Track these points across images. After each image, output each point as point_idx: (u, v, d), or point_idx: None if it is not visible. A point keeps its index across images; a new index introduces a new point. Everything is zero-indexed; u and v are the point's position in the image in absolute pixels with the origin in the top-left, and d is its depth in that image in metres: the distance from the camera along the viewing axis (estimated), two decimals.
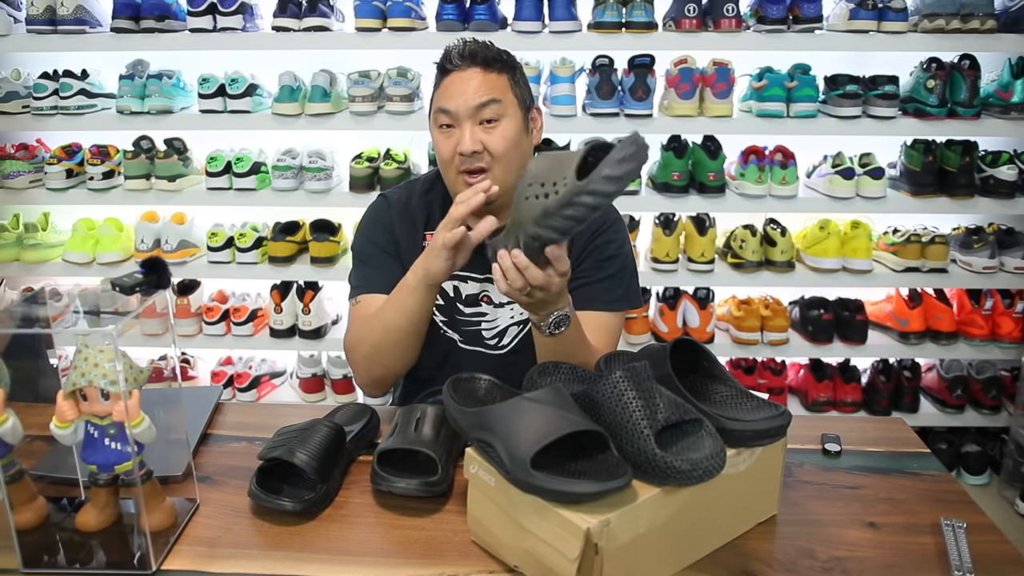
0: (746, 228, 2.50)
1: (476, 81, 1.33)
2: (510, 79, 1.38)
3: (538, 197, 1.03)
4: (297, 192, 2.48)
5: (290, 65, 2.45)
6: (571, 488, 0.89)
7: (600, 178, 0.96)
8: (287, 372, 2.83)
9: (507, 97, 1.35)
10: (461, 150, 1.32)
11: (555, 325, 1.20)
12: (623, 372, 0.97)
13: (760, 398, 1.05)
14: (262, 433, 1.28)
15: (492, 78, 1.35)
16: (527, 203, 1.05)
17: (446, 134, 1.35)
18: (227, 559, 1.01)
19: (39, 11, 2.36)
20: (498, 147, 1.33)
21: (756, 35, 2.36)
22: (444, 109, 1.34)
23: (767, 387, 2.62)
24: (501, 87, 1.35)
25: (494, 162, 1.34)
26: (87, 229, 2.54)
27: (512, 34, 2.36)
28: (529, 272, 1.09)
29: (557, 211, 1.01)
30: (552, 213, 1.01)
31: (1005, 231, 2.55)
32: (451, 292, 1.47)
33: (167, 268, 1.04)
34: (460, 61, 1.35)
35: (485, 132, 1.33)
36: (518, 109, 1.38)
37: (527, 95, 1.41)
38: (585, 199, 0.98)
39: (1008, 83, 2.39)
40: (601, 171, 0.96)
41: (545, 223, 1.03)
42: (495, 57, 1.37)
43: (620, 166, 0.96)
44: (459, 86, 1.34)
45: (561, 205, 1.00)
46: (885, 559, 1.02)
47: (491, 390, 1.11)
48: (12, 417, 0.97)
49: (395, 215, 1.48)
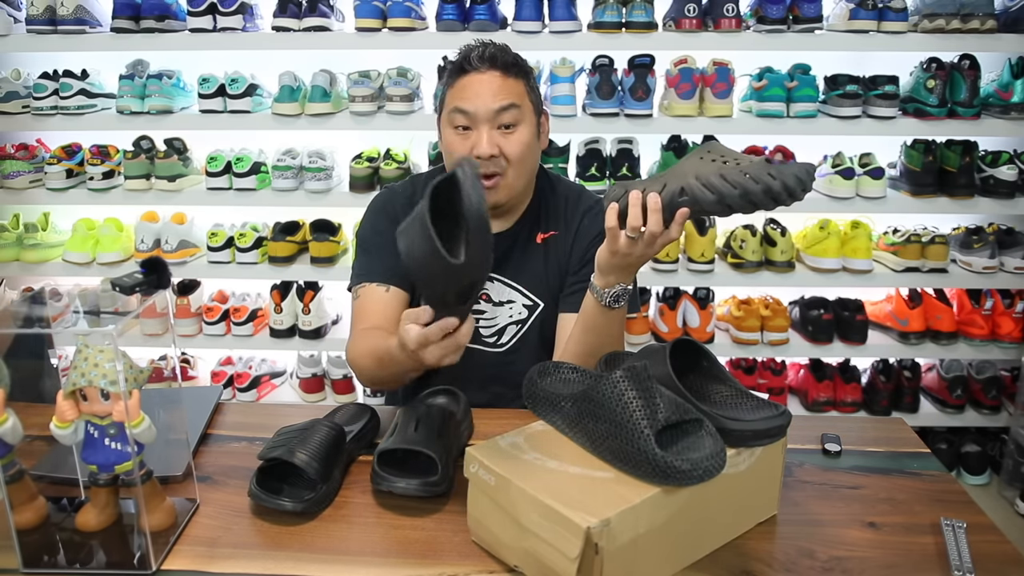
0: (746, 228, 2.51)
1: (496, 85, 1.34)
2: (526, 85, 1.39)
3: (714, 161, 1.07)
4: (297, 192, 2.48)
5: (290, 65, 2.45)
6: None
7: (792, 174, 1.01)
8: (287, 372, 2.83)
9: (524, 103, 1.37)
10: (478, 153, 1.33)
11: (616, 298, 1.22)
12: (623, 372, 0.97)
13: (760, 398, 1.05)
14: (262, 433, 1.28)
15: (511, 83, 1.36)
16: (700, 161, 1.08)
17: (462, 135, 1.36)
18: (227, 559, 1.01)
19: (39, 11, 2.36)
20: (514, 152, 1.35)
21: (756, 35, 2.36)
22: (462, 110, 1.34)
23: (767, 387, 2.62)
24: (519, 92, 1.36)
25: (508, 166, 1.35)
26: (87, 229, 2.54)
27: (512, 34, 2.35)
28: (655, 217, 1.09)
29: (731, 175, 1.04)
30: (725, 175, 1.04)
31: (1005, 231, 2.55)
32: None
33: (167, 268, 1.04)
34: (480, 63, 1.35)
35: (502, 136, 1.34)
36: (532, 115, 1.39)
37: (539, 101, 1.42)
38: (767, 178, 1.02)
39: (1008, 83, 2.39)
40: (793, 169, 1.02)
41: (710, 182, 1.05)
42: (513, 62, 1.38)
43: (807, 176, 1.02)
44: (478, 88, 1.34)
45: (742, 173, 1.03)
46: (885, 559, 1.02)
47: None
48: (12, 417, 0.96)
49: (399, 208, 1.47)
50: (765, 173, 1.02)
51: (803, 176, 1.01)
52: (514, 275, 1.47)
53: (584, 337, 1.30)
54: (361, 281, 1.44)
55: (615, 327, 1.28)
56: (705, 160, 1.08)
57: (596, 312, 1.26)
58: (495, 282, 1.47)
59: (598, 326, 1.26)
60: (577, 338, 1.32)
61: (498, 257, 1.46)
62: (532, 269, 1.48)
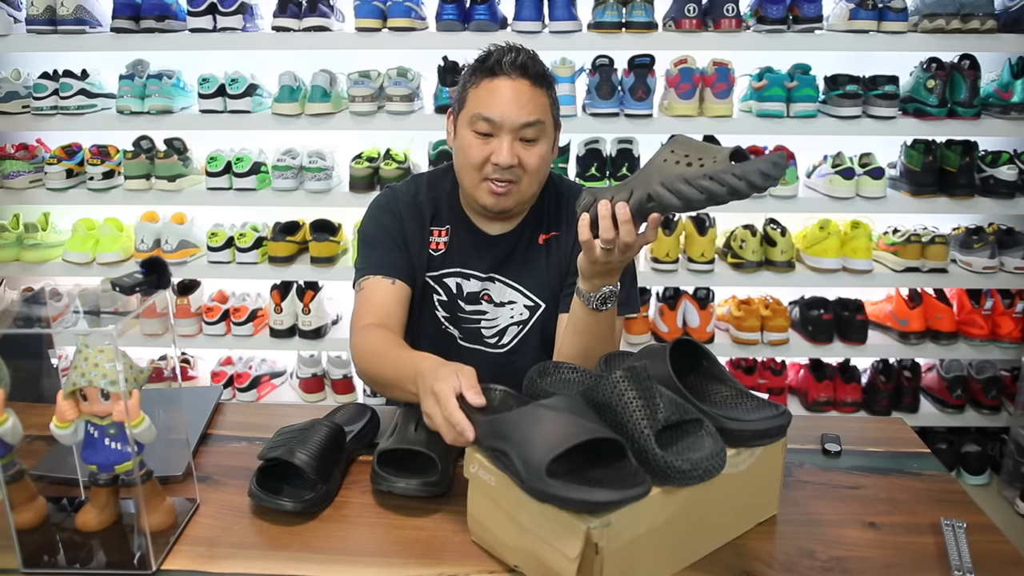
0: (746, 228, 2.51)
1: (525, 96, 1.32)
2: (549, 98, 1.37)
3: (678, 163, 1.05)
4: (297, 192, 2.48)
5: (290, 65, 2.45)
6: (588, 497, 0.86)
7: (755, 169, 0.99)
8: (287, 372, 2.83)
9: (547, 118, 1.36)
10: (498, 161, 1.31)
11: (602, 301, 1.21)
12: (623, 372, 0.97)
13: (760, 398, 1.05)
14: (262, 433, 1.28)
15: (539, 95, 1.34)
16: (663, 164, 1.06)
17: (481, 140, 1.34)
18: (227, 559, 1.01)
19: (39, 11, 2.36)
20: (532, 164, 1.34)
21: (756, 35, 2.36)
22: (488, 118, 1.31)
23: (767, 387, 2.62)
24: (544, 107, 1.35)
25: (524, 176, 1.35)
26: (87, 229, 2.54)
27: (512, 34, 2.35)
28: (627, 227, 1.09)
29: (696, 179, 1.02)
30: (689, 180, 1.02)
31: (1005, 231, 2.55)
32: (453, 288, 1.47)
33: (167, 268, 1.04)
34: (511, 69, 1.32)
35: (523, 148, 1.33)
36: (552, 129, 1.39)
37: (558, 114, 1.41)
38: (731, 179, 1.00)
39: (1008, 83, 2.39)
40: (757, 164, 0.99)
41: (675, 187, 1.04)
42: (542, 73, 1.36)
43: (773, 169, 0.99)
44: (507, 95, 1.31)
45: (704, 176, 1.02)
46: (885, 559, 1.02)
47: (505, 399, 1.10)
48: (12, 417, 0.97)
49: (403, 207, 1.47)
50: (729, 174, 1.00)
51: (767, 170, 0.99)
52: (516, 276, 1.47)
53: (574, 340, 1.30)
54: (365, 274, 1.42)
55: (605, 329, 1.27)
56: (670, 162, 1.06)
57: (585, 315, 1.25)
58: (496, 282, 1.47)
59: (588, 329, 1.26)
60: (568, 341, 1.31)
61: (500, 258, 1.46)
62: (534, 270, 1.47)
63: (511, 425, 0.95)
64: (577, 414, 0.94)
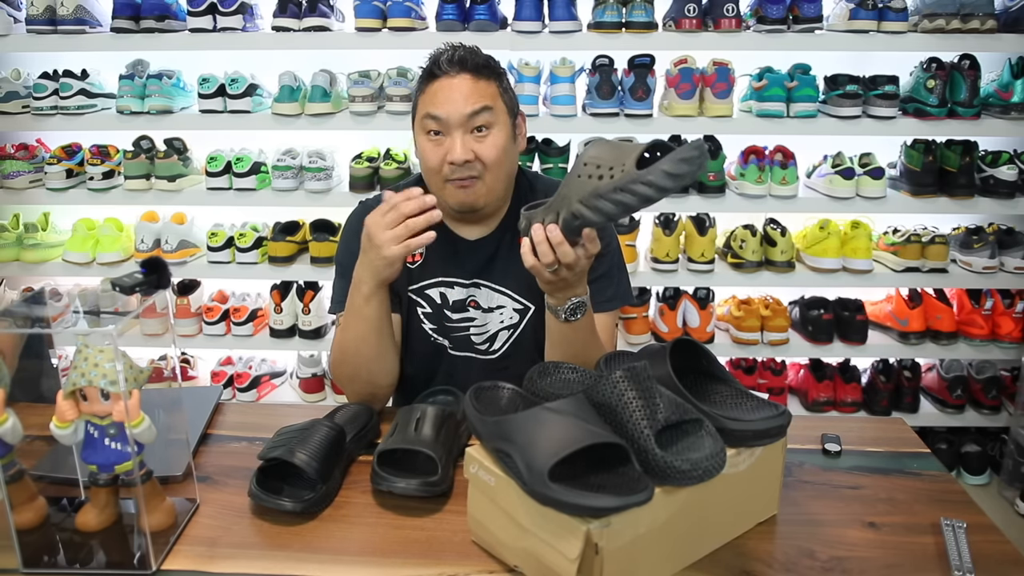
0: (746, 228, 2.50)
1: (467, 88, 1.31)
2: (498, 86, 1.36)
3: (591, 177, 1.04)
4: (297, 192, 2.48)
5: (290, 65, 2.45)
6: (589, 502, 0.86)
7: (660, 171, 0.97)
8: (287, 372, 2.83)
9: (497, 104, 1.34)
10: (453, 159, 1.30)
11: (572, 311, 1.21)
12: (623, 372, 0.97)
13: (760, 398, 1.05)
14: (262, 433, 1.28)
15: (482, 85, 1.33)
16: (578, 181, 1.06)
17: (435, 142, 1.33)
18: (227, 559, 1.01)
19: (39, 11, 2.36)
20: (490, 156, 1.32)
21: (756, 35, 2.36)
22: (434, 116, 1.31)
23: (767, 387, 2.62)
24: (491, 94, 1.34)
25: (485, 171, 1.33)
26: (87, 229, 2.54)
27: (512, 34, 2.36)
28: (562, 248, 1.09)
29: (608, 194, 1.01)
30: (602, 195, 1.02)
31: (1005, 231, 2.55)
32: (438, 299, 1.45)
33: (167, 268, 1.04)
34: (449, 67, 1.32)
35: (476, 141, 1.32)
36: (507, 116, 1.36)
37: (514, 101, 1.40)
38: (639, 188, 0.99)
39: (1008, 83, 2.39)
40: (661, 165, 0.97)
41: (592, 203, 1.03)
42: (484, 64, 1.35)
43: (680, 165, 0.96)
44: (449, 93, 1.31)
45: (614, 189, 1.01)
46: (885, 559, 1.02)
47: (513, 399, 1.10)
48: (12, 417, 0.97)
49: None
50: (638, 183, 0.99)
51: (673, 169, 0.96)
52: (501, 279, 1.45)
53: (556, 352, 1.29)
54: (340, 309, 1.40)
55: (584, 335, 1.26)
56: (583, 177, 1.05)
57: (559, 327, 1.25)
58: (482, 288, 1.45)
59: (565, 339, 1.25)
60: (550, 353, 1.31)
61: (483, 263, 1.45)
62: (519, 272, 1.44)
63: (515, 427, 0.95)
64: (582, 418, 0.94)
